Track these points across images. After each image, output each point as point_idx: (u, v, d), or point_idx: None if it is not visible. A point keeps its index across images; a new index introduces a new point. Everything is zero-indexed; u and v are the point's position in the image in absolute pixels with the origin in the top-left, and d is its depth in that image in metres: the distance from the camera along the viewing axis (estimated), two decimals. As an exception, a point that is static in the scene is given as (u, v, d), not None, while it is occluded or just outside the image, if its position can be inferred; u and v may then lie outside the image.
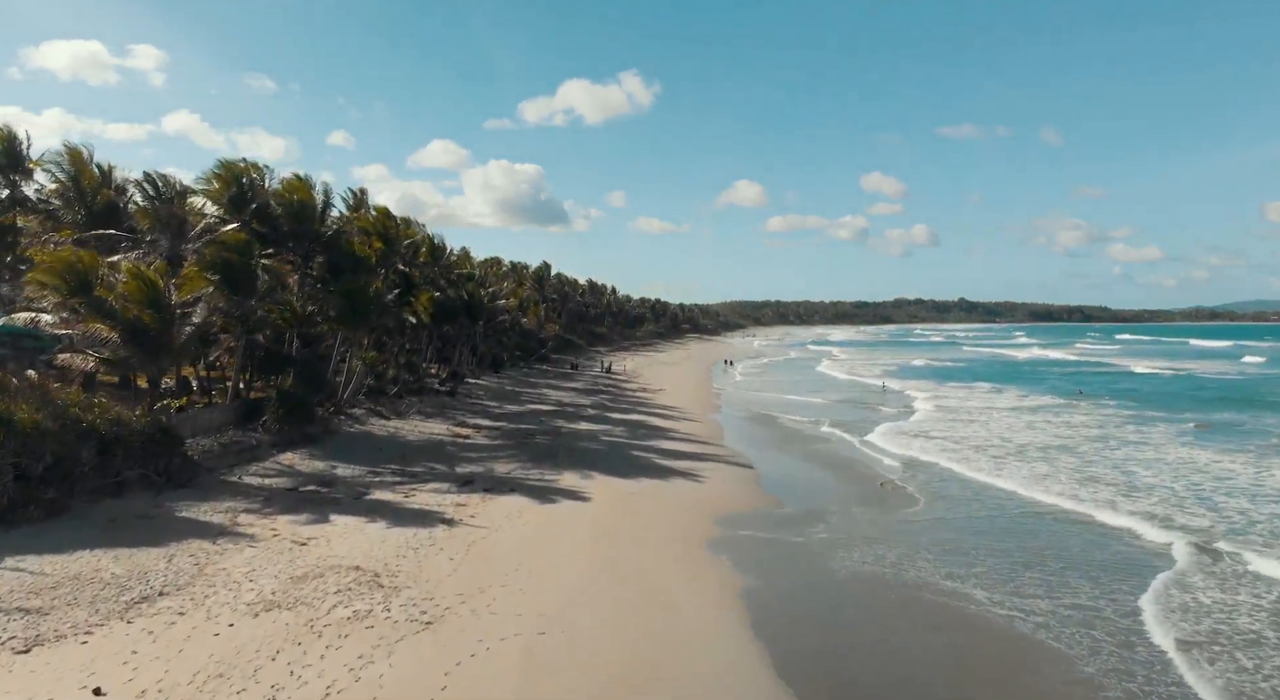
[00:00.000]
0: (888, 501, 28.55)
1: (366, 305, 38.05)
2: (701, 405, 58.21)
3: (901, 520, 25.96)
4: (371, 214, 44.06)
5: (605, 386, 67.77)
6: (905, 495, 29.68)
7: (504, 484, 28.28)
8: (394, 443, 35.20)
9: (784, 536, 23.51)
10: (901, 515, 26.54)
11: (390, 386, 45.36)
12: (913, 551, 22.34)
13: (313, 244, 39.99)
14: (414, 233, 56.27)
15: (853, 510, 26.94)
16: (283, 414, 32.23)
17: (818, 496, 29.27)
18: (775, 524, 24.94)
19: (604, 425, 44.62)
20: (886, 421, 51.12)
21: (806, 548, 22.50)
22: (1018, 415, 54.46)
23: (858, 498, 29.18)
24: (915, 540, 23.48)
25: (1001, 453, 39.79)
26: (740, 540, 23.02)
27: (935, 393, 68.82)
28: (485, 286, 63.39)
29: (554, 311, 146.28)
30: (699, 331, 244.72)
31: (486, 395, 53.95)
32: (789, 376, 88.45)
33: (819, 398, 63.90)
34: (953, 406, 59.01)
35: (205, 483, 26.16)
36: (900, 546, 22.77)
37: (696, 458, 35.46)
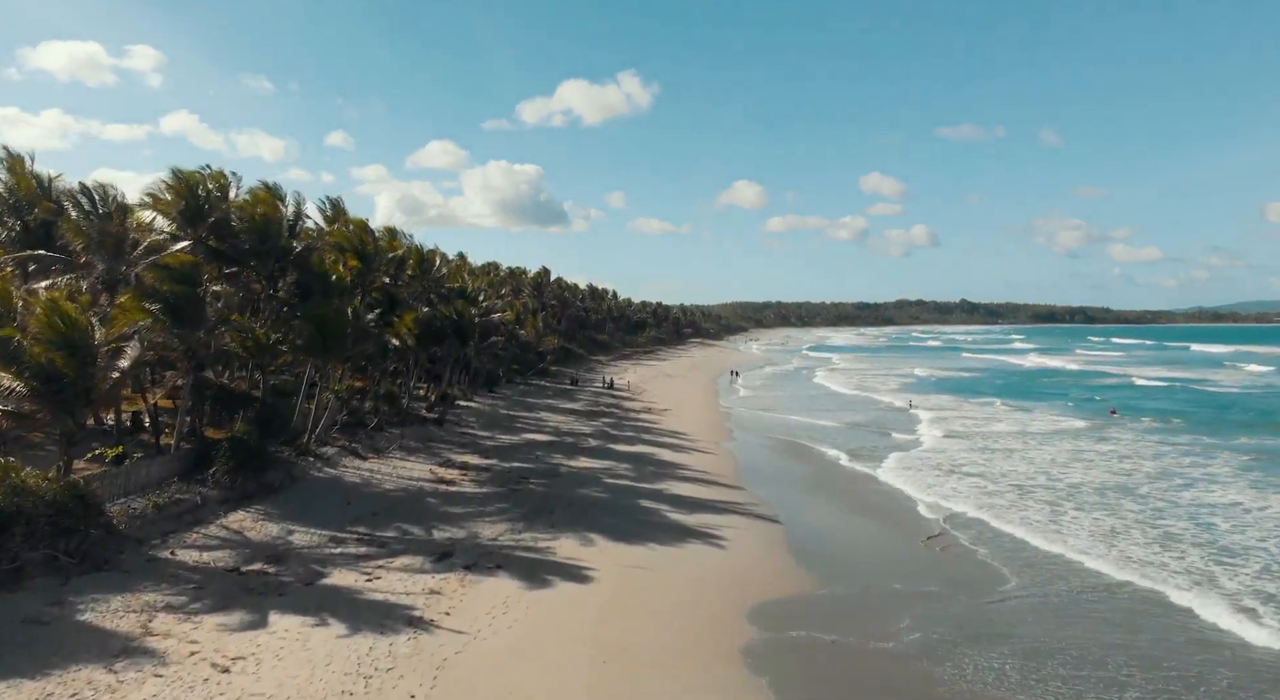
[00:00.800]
0: (950, 572, 24.09)
1: (338, 332, 33.58)
2: (711, 430, 53.73)
3: (980, 608, 21.42)
4: (348, 228, 39.49)
5: (607, 406, 63.28)
6: (966, 561, 25.25)
7: (489, 556, 23.78)
8: (366, 493, 30.69)
9: (844, 638, 18.94)
10: (978, 601, 21.99)
11: (370, 417, 40.87)
12: (1030, 663, 17.89)
13: (279, 263, 35.54)
14: (398, 245, 51.74)
15: (911, 590, 22.45)
16: (233, 466, 27.75)
17: (862, 565, 24.80)
18: (825, 616, 20.40)
19: (607, 461, 40.12)
20: (909, 449, 46.67)
21: (871, 660, 17.96)
22: (1055, 443, 49.95)
23: (909, 566, 24.75)
24: (1019, 643, 18.99)
25: (1053, 497, 35.28)
26: (787, 647, 18.44)
27: (954, 412, 64.30)
28: (478, 301, 58.92)
29: (554, 318, 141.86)
30: (701, 335, 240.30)
31: (478, 422, 49.44)
32: (796, 391, 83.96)
33: (830, 420, 59.36)
34: (978, 430, 54.50)
35: (129, 562, 21.68)
36: (1007, 655, 18.26)
37: (714, 509, 30.97)
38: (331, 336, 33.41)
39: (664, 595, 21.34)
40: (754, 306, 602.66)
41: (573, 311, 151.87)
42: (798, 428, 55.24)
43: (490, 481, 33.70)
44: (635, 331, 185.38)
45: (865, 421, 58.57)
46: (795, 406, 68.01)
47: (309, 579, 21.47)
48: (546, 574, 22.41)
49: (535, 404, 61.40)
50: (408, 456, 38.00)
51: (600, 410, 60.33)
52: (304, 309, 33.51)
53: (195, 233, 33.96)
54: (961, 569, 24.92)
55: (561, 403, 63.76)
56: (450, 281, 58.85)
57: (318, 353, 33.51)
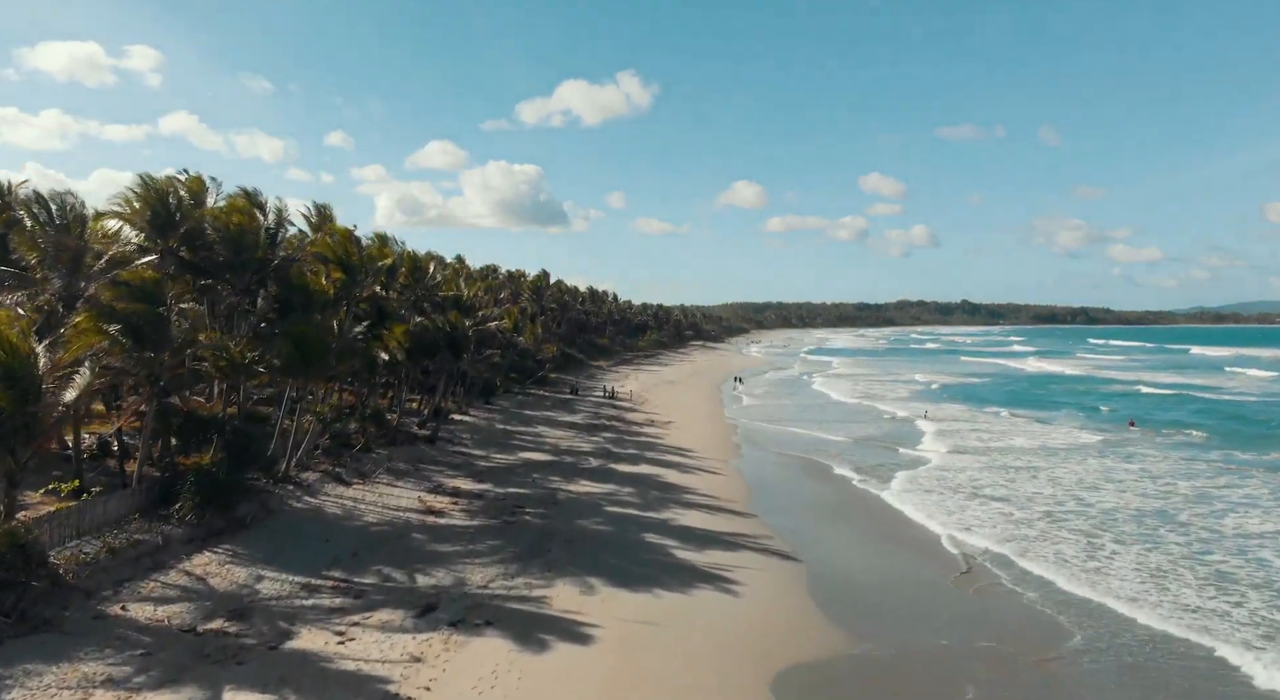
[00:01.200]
0: (999, 623, 21.66)
1: (320, 350, 31.15)
2: (717, 445, 51.33)
3: (1052, 674, 18.94)
4: (331, 237, 37.01)
5: (609, 419, 60.87)
6: (1012, 607, 22.83)
7: (478, 609, 21.35)
8: (347, 528, 28.26)
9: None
10: (1046, 663, 19.50)
11: (356, 438, 38.46)
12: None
13: (256, 276, 33.13)
14: (389, 253, 49.30)
15: (962, 647, 20.02)
16: (200, 501, 25.34)
17: (895, 615, 22.35)
18: (866, 685, 17.98)
19: (608, 484, 37.71)
20: (923, 468, 44.27)
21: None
22: (1079, 460, 47.53)
23: (949, 614, 22.34)
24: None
25: (1087, 525, 32.86)
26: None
27: (966, 425, 61.85)
28: (474, 311, 56.54)
29: (553, 321, 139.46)
30: (702, 338, 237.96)
31: (473, 440, 47.00)
32: (799, 400, 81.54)
33: (837, 433, 56.90)
34: (995, 445, 52.07)
35: (73, 621, 19.27)
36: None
37: (725, 543, 28.55)
38: (312, 355, 30.99)
39: (674, 659, 18.90)
40: (754, 307, 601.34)
41: (573, 315, 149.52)
42: (805, 443, 52.83)
43: (482, 512, 31.25)
44: (636, 334, 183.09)
45: (874, 436, 56.12)
46: (800, 417, 65.58)
47: (274, 641, 19.04)
48: (542, 632, 19.98)
49: (533, 417, 58.99)
50: (396, 481, 35.58)
51: (601, 423, 57.92)
52: (283, 325, 31.08)
53: (165, 243, 31.58)
54: (1011, 618, 22.52)
55: (561, 415, 61.35)
56: (445, 289, 56.47)
57: (297, 372, 31.09)
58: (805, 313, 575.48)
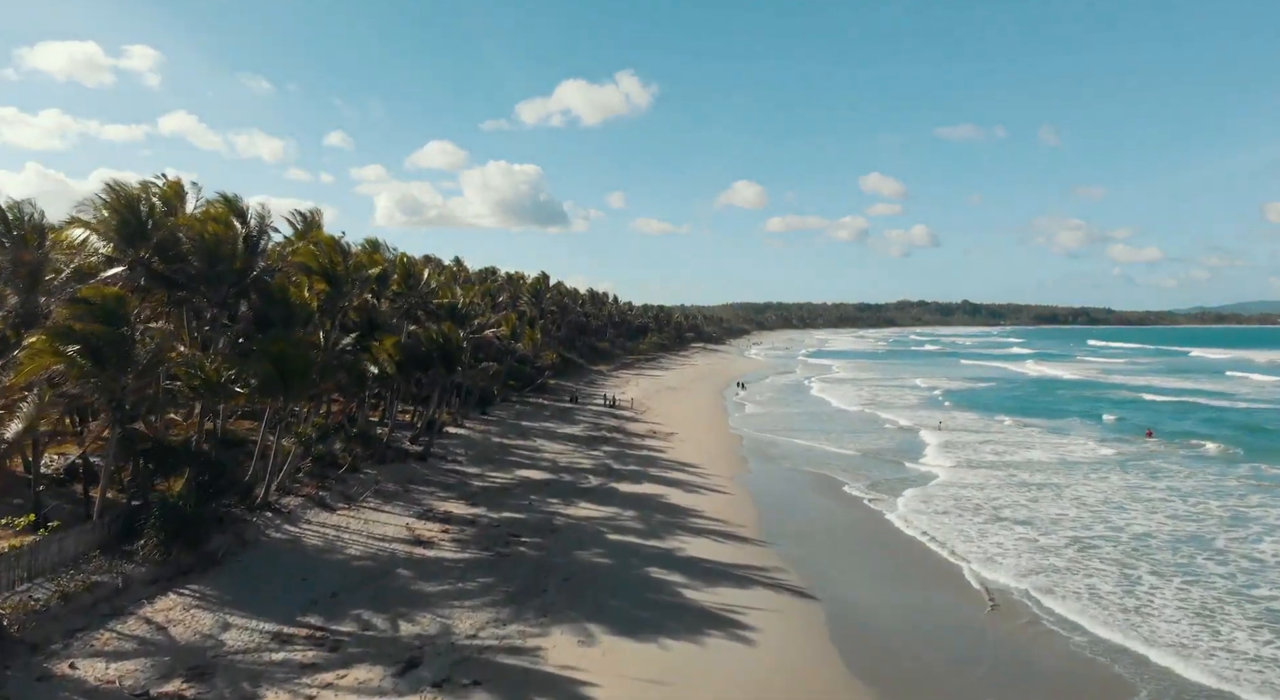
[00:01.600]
0: (1053, 679, 19.63)
1: (300, 369, 29.09)
2: (723, 459, 49.28)
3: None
4: (315, 246, 34.85)
5: (610, 430, 58.80)
6: (1059, 656, 20.78)
7: (465, 664, 19.27)
8: (328, 562, 26.20)
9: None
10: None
11: (343, 456, 36.40)
12: None
13: (233, 288, 31.08)
14: (380, 259, 47.27)
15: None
16: (164, 538, 23.29)
17: (932, 669, 20.28)
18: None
19: (609, 506, 35.64)
20: (937, 485, 42.25)
21: None
22: (1102, 476, 45.49)
23: (993, 667, 20.26)
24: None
25: (1119, 554, 30.81)
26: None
27: (977, 436, 59.78)
28: (469, 319, 54.46)
29: (553, 325, 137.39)
30: (703, 340, 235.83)
31: (467, 456, 44.91)
32: (804, 408, 79.45)
33: (846, 446, 54.81)
34: (1010, 459, 50.03)
35: (15, 682, 17.23)
36: None
37: (736, 578, 26.49)
38: (292, 373, 28.93)
39: (684, 728, 16.85)
40: (755, 308, 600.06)
41: (573, 317, 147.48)
42: (812, 457, 50.78)
43: (474, 542, 29.16)
44: (637, 337, 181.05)
45: (881, 448, 54.00)
46: (805, 427, 63.51)
47: (235, 708, 17.02)
48: (535, 694, 17.92)
49: (531, 428, 56.91)
50: (384, 505, 33.53)
51: (602, 436, 55.85)
52: (260, 341, 29.02)
53: (136, 255, 29.52)
54: (1060, 668, 20.58)
55: (560, 426, 59.28)
56: (440, 296, 54.38)
57: (276, 392, 29.02)
58: (806, 314, 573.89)
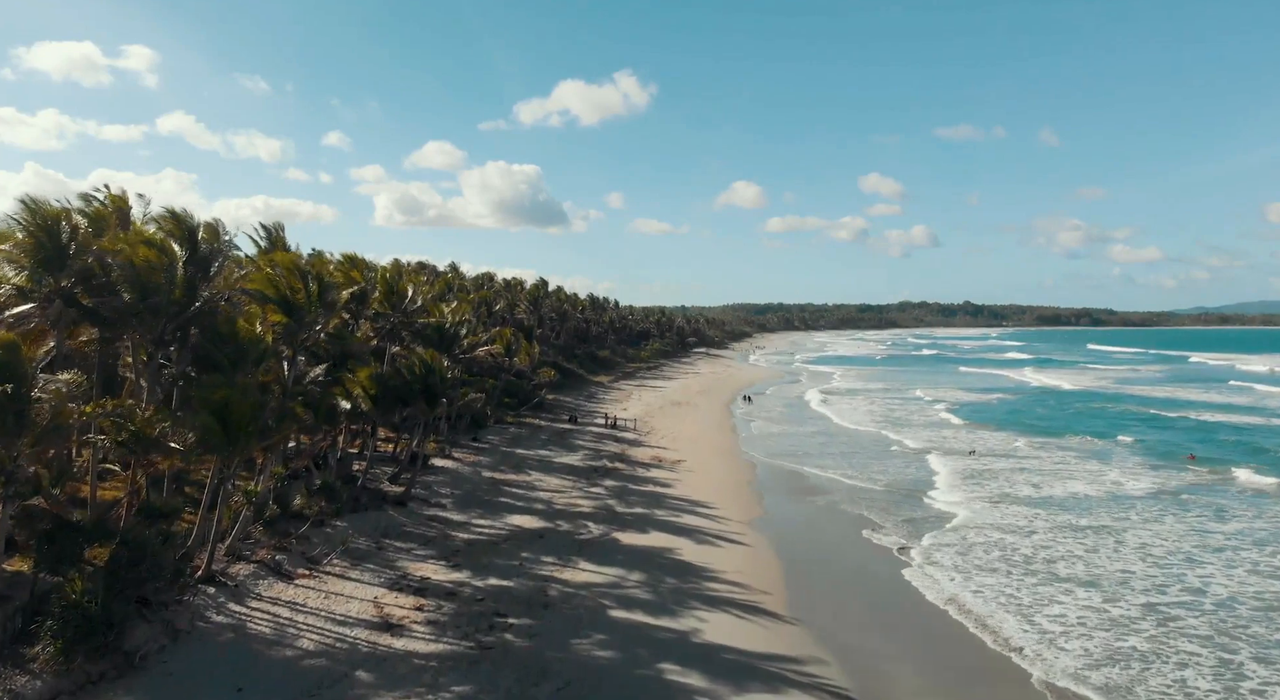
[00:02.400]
0: None
1: (247, 419, 24.57)
2: (736, 494, 44.81)
3: None
4: (273, 269, 30.09)
5: (611, 457, 54.26)
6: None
7: None
8: (272, 662, 21.65)
9: None
10: None
11: (310, 506, 31.86)
12: None
13: (172, 323, 26.55)
14: (359, 276, 42.77)
15: None
16: (64, 645, 18.79)
17: None
18: None
19: (612, 566, 31.09)
20: (973, 531, 37.65)
21: None
22: (1155, 514, 41.08)
23: None
24: None
25: (1207, 629, 26.22)
26: None
27: (1006, 461, 55.22)
28: (459, 340, 49.98)
29: (552, 332, 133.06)
30: (705, 345, 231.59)
31: (453, 497, 40.34)
32: (813, 426, 74.87)
33: (866, 478, 50.05)
34: (1049, 493, 45.50)
35: None
36: None
37: (768, 678, 21.89)
38: (238, 425, 24.42)
39: None
40: (756, 309, 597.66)
41: (572, 324, 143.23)
42: (831, 491, 46.26)
43: (452, 625, 24.57)
44: (638, 343, 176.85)
45: (902, 481, 49.23)
46: (817, 451, 58.98)
47: None
48: None
49: (526, 458, 52.37)
50: (351, 568, 29.01)
51: (603, 466, 51.30)
52: (200, 387, 24.50)
53: (55, 285, 25.02)
54: None
55: (558, 454, 54.73)
56: (429, 313, 49.80)
57: (219, 448, 24.50)
58: (808, 315, 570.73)
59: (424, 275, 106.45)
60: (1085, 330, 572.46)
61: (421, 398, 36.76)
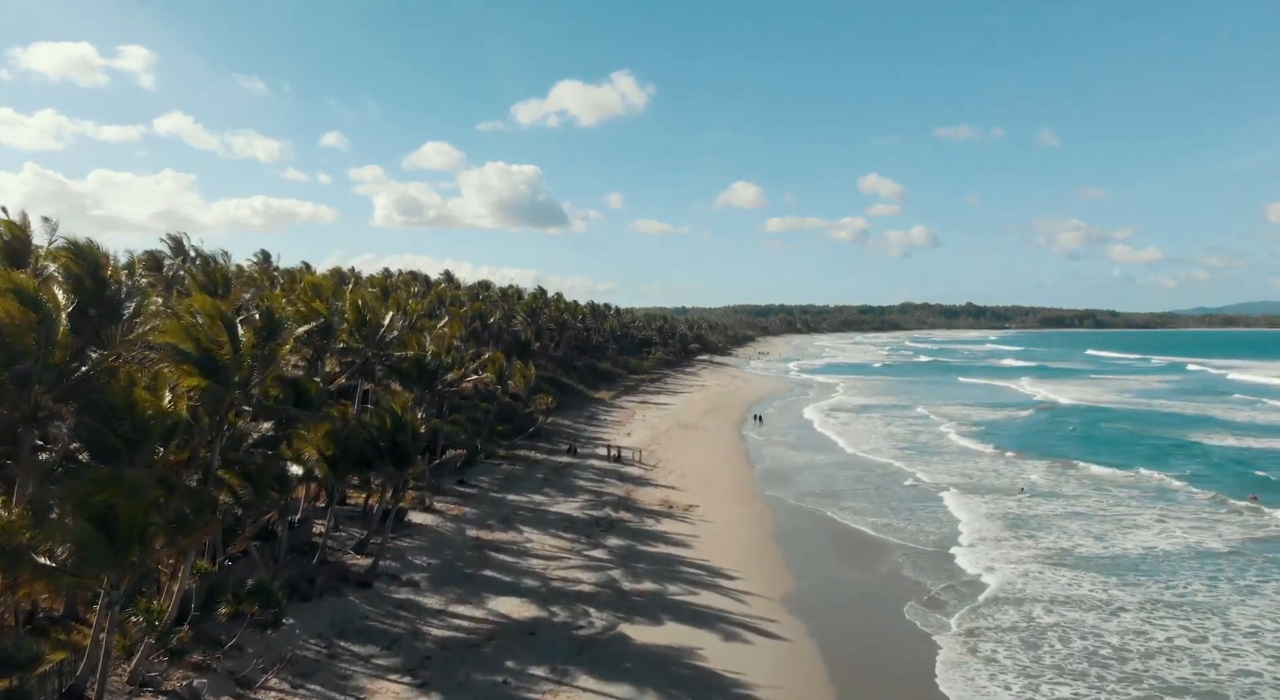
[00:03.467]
0: None
1: (141, 523, 18.59)
2: (760, 558, 38.92)
3: None
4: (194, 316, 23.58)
5: (615, 503, 48.21)
6: None
7: None
8: None
9: None
10: None
11: (248, 604, 25.86)
12: None
13: (49, 393, 20.54)
14: (321, 307, 36.74)
15: None
16: None
17: None
18: None
19: (619, 685, 25.01)
20: (1039, 607, 31.63)
21: None
22: (1251, 579, 35.61)
23: None
24: None
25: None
26: None
27: (1056, 503, 49.26)
28: (442, 374, 44.00)
29: (551, 342, 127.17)
30: (709, 351, 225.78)
31: (429, 571, 34.25)
32: (831, 457, 68.88)
33: (899, 531, 44.21)
34: (1118, 552, 39.59)
35: None
36: None
37: None
38: (127, 533, 18.42)
39: None
40: (758, 310, 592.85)
41: (572, 333, 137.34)
42: (863, 546, 40.48)
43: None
44: (640, 351, 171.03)
45: (941, 532, 43.30)
46: (839, 490, 53.04)
47: None
48: None
49: (519, 507, 46.32)
50: (292, 693, 23.03)
51: (606, 516, 45.26)
52: (73, 487, 18.50)
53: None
54: None
55: (554, 500, 48.68)
56: (406, 346, 43.77)
57: (102, 563, 18.50)
58: (810, 318, 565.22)
59: (414, 286, 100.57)
60: (1088, 333, 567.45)
61: (389, 459, 30.70)
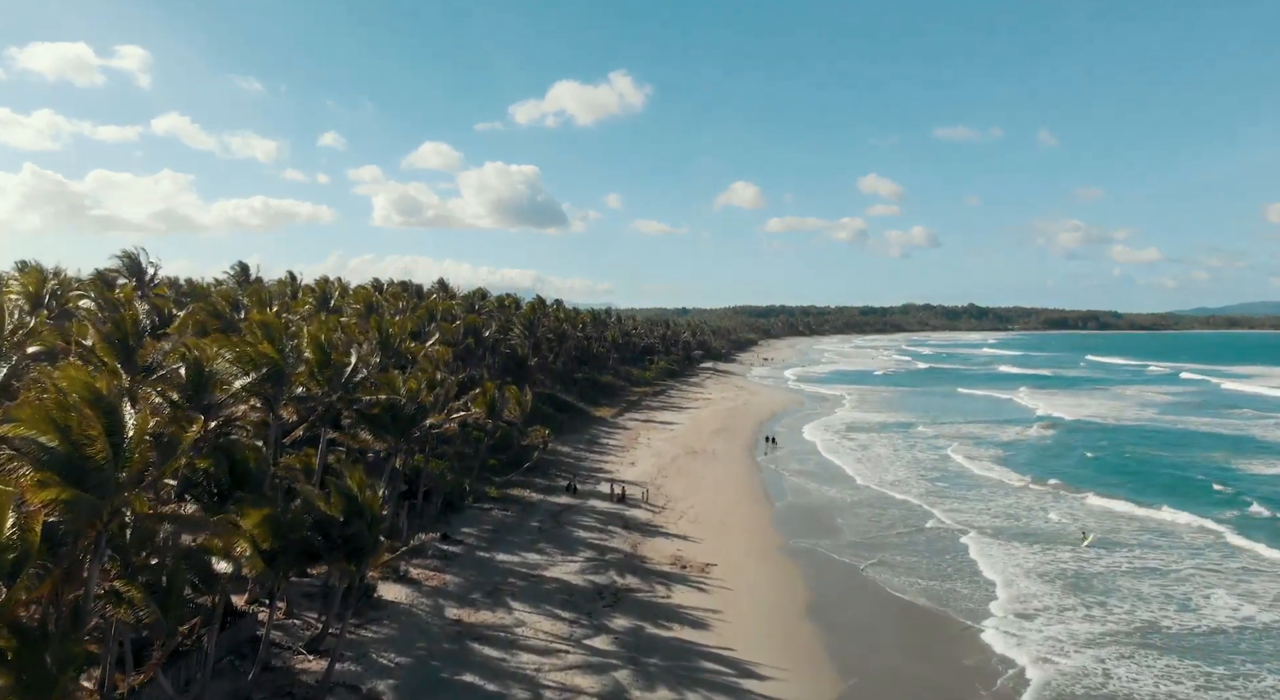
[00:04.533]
0: None
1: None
2: (796, 643, 32.72)
3: None
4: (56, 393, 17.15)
5: (620, 566, 41.92)
6: None
7: None
8: None
9: None
10: None
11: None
12: None
13: None
14: (269, 351, 30.45)
15: None
16: None
17: None
18: None
19: None
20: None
21: None
22: None
23: None
24: None
25: None
26: None
27: (1118, 553, 43.02)
28: (422, 416, 37.71)
29: (551, 352, 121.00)
30: (712, 358, 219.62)
31: (399, 678, 27.93)
32: (856, 495, 62.71)
33: (952, 597, 38.24)
34: (1214, 625, 33.21)
35: None
36: None
37: None
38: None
39: None
40: (758, 311, 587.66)
41: (571, 344, 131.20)
42: (908, 621, 34.17)
43: None
44: (641, 360, 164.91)
45: (986, 596, 37.22)
46: (871, 538, 46.70)
47: None
48: None
49: (510, 573, 39.99)
50: None
51: (610, 583, 38.99)
52: None
53: None
54: None
55: (552, 557, 42.39)
56: (378, 389, 37.39)
57: None
58: (812, 320, 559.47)
59: (403, 300, 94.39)
60: (1092, 335, 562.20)
61: (342, 552, 24.38)
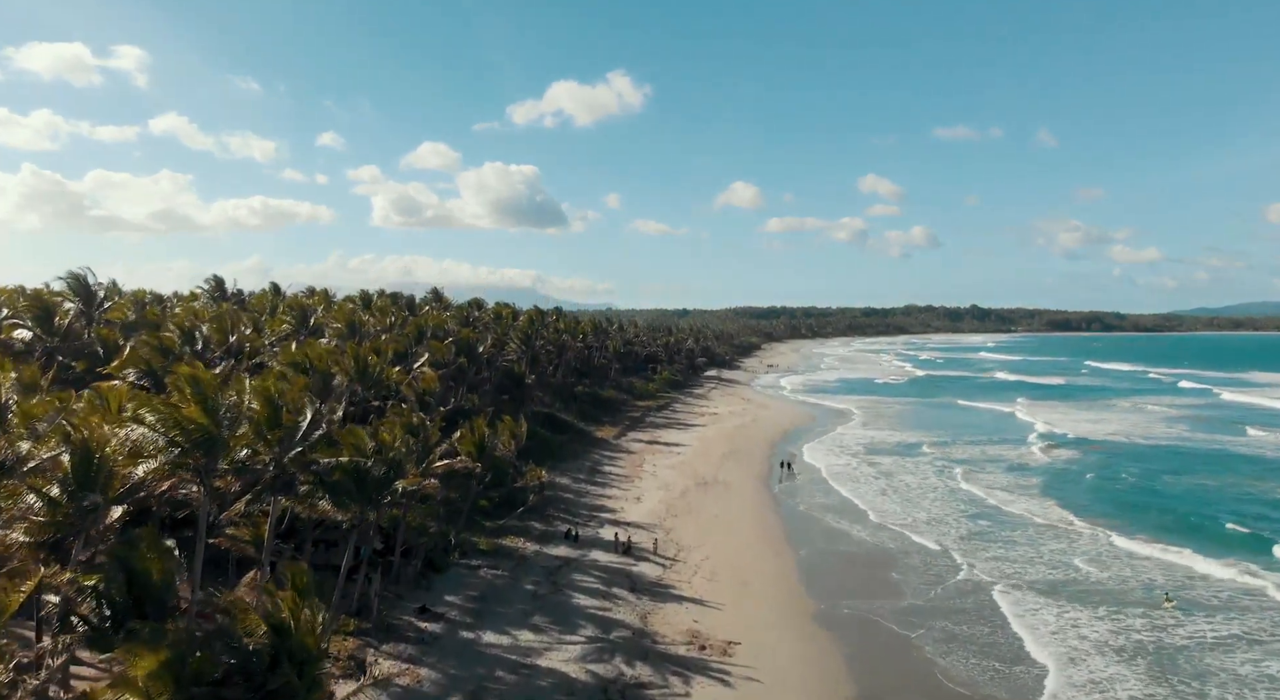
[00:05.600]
0: None
1: None
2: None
3: None
4: None
5: (628, 648, 35.89)
6: None
7: None
8: None
9: None
10: None
11: None
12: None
13: None
14: (197, 414, 24.40)
15: None
16: None
17: None
18: None
19: None
20: None
21: None
22: None
23: None
24: None
25: None
26: None
27: (1206, 620, 37.00)
28: (398, 475, 31.66)
29: (550, 364, 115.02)
30: (716, 365, 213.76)
31: None
32: (893, 545, 56.78)
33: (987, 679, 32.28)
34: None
35: None
36: None
37: None
38: None
39: None
40: (760, 313, 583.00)
41: (571, 356, 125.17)
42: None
43: None
44: (644, 369, 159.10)
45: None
46: (901, 599, 40.65)
47: None
48: None
49: (499, 661, 33.92)
50: None
51: (617, 674, 32.91)
52: None
53: None
54: None
55: (545, 641, 36.29)
56: (339, 450, 31.24)
57: None
58: (814, 322, 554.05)
59: (391, 315, 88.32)
60: (1095, 336, 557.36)
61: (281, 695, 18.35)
